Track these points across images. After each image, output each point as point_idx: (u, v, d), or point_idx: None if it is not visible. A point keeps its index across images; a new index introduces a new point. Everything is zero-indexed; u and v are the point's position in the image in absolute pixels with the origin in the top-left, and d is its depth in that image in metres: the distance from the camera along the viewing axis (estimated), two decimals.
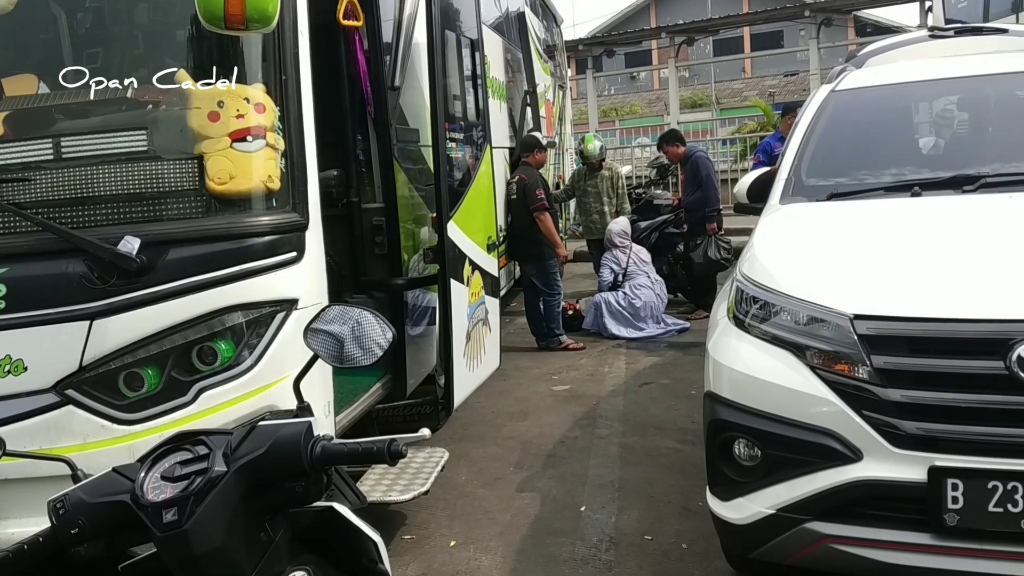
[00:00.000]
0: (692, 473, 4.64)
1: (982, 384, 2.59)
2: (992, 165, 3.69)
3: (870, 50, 5.04)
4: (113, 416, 3.10)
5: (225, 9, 2.73)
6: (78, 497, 1.51)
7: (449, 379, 4.68)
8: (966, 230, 3.25)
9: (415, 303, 4.84)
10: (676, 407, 5.99)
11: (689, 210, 9.00)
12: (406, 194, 4.83)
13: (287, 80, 3.30)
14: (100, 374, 3.09)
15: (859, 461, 2.70)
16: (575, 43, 21.48)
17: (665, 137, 9.63)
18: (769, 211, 3.85)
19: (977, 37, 4.83)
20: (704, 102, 29.93)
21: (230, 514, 1.46)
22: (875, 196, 3.67)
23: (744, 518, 2.95)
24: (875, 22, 27.69)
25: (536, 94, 10.23)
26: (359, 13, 4.36)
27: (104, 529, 1.51)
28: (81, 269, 3.06)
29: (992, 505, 2.51)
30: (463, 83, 5.71)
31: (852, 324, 2.76)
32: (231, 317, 3.16)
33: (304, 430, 1.52)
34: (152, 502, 1.44)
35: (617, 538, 4.09)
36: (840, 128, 4.21)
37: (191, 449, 1.52)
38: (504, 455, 5.32)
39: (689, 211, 9.00)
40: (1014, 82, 4.22)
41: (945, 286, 2.83)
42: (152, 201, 3.19)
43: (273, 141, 3.24)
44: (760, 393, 2.94)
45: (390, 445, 1.52)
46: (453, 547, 4.10)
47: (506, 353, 6.47)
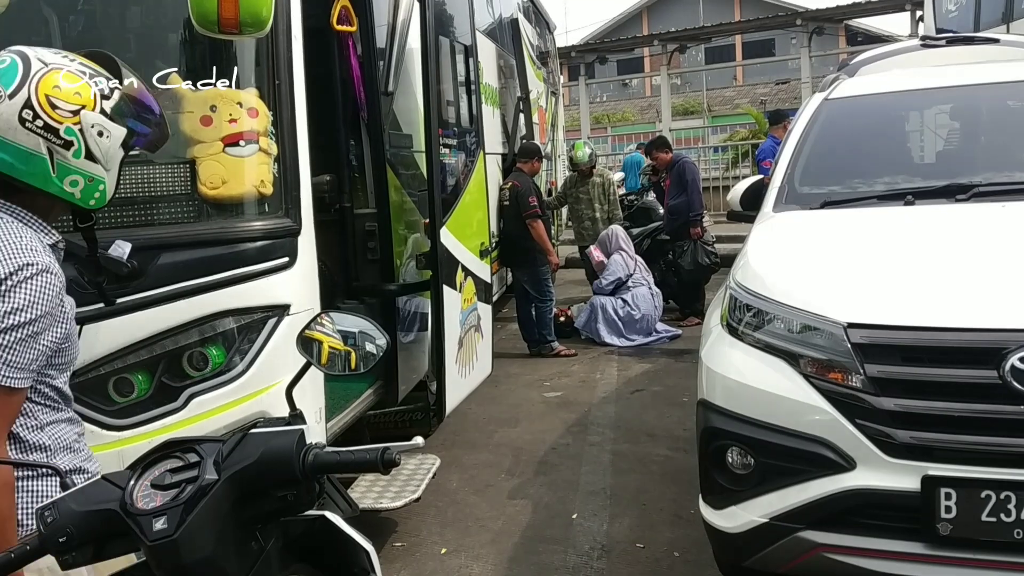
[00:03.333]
0: (684, 481, 4.63)
1: (975, 393, 2.59)
2: (985, 174, 3.70)
3: (863, 59, 5.05)
4: (102, 422, 3.07)
5: (219, 13, 2.71)
6: (67, 505, 1.49)
7: (441, 385, 4.67)
8: (959, 239, 3.25)
9: (407, 309, 4.82)
10: (668, 414, 5.99)
11: (672, 213, 9.04)
12: (399, 199, 4.82)
13: (280, 85, 3.28)
14: (89, 379, 3.07)
15: (852, 470, 2.69)
16: (568, 50, 21.58)
17: (653, 143, 9.81)
18: (762, 219, 3.85)
19: (969, 46, 4.84)
20: (696, 109, 30.01)
21: (221, 523, 1.44)
22: (868, 204, 3.67)
23: (737, 527, 2.94)
24: (866, 31, 27.83)
25: (529, 100, 10.24)
26: (353, 18, 4.35)
27: (93, 537, 1.49)
28: (71, 273, 3.04)
29: (985, 515, 2.51)
30: (456, 89, 5.70)
31: (846, 332, 2.75)
32: (222, 322, 3.14)
33: (296, 438, 1.50)
34: (142, 510, 1.43)
35: (609, 546, 4.08)
36: (833, 136, 4.22)
37: (181, 457, 1.51)
38: (496, 462, 5.31)
39: (672, 215, 9.05)
40: (1006, 92, 4.24)
41: (939, 295, 2.84)
42: (143, 205, 3.17)
43: (266, 146, 3.23)
44: (753, 401, 2.94)
45: (383, 454, 1.50)
46: (444, 554, 4.08)
47: (498, 359, 6.46)
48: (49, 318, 1.83)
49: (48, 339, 1.84)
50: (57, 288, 1.85)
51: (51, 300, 1.82)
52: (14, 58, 1.85)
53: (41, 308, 1.80)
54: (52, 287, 1.83)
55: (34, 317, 1.78)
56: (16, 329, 1.75)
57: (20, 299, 1.76)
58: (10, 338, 1.75)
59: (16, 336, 1.75)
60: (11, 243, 1.80)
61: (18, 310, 1.76)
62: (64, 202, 1.94)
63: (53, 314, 1.84)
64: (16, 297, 1.76)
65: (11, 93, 1.81)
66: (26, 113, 1.81)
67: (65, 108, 1.85)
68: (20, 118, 1.80)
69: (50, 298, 1.82)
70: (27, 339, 1.78)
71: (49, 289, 1.82)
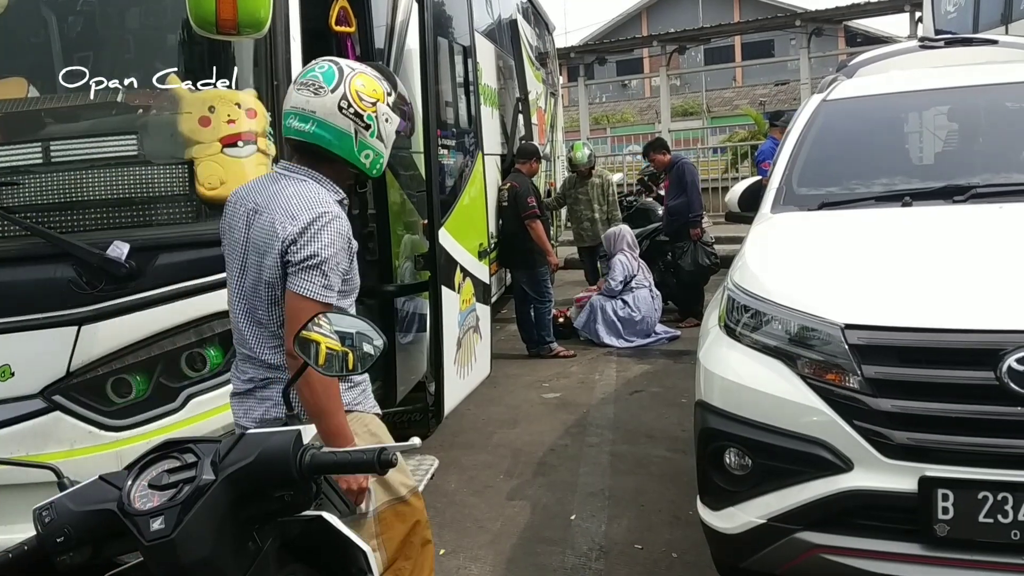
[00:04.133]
0: (683, 482, 4.63)
1: (972, 394, 2.59)
2: (982, 175, 3.70)
3: (861, 60, 5.05)
4: (101, 422, 3.09)
5: (217, 15, 2.72)
6: (64, 505, 1.49)
7: (439, 386, 4.67)
8: (957, 240, 3.26)
9: (406, 310, 4.83)
10: (667, 415, 5.99)
11: (672, 214, 9.05)
12: (397, 200, 4.83)
13: (279, 85, 3.29)
14: (88, 380, 3.08)
15: (850, 471, 2.69)
16: (567, 51, 21.57)
17: (651, 145, 9.80)
18: (760, 220, 3.85)
19: (967, 48, 4.85)
20: (695, 110, 30.04)
21: (218, 523, 1.44)
22: (866, 206, 3.68)
23: (735, 527, 2.94)
24: (865, 32, 27.86)
25: (528, 101, 10.24)
26: (351, 19, 4.35)
27: (90, 538, 1.49)
28: (70, 274, 3.05)
29: (982, 516, 2.51)
30: (455, 90, 5.71)
31: (843, 334, 2.76)
32: (220, 323, 3.14)
33: (293, 439, 1.51)
34: (139, 511, 1.43)
35: (607, 547, 4.08)
36: (831, 138, 4.22)
37: (179, 457, 1.51)
38: (494, 463, 5.31)
39: (672, 215, 9.05)
40: (1004, 93, 4.24)
41: (936, 296, 2.84)
42: (142, 206, 3.18)
43: (264, 146, 3.24)
44: (751, 402, 2.94)
45: (380, 454, 1.51)
46: (443, 555, 4.08)
47: (496, 360, 6.46)
48: (344, 252, 2.46)
49: (343, 267, 2.46)
50: (346, 229, 2.47)
51: (344, 238, 2.45)
52: (331, 64, 2.50)
53: (339, 244, 2.43)
54: (344, 229, 2.45)
55: (336, 251, 2.41)
56: (328, 260, 2.39)
57: (326, 237, 2.39)
58: (325, 267, 2.38)
59: (329, 265, 2.39)
60: (311, 198, 2.44)
61: (327, 245, 2.39)
62: (354, 171, 2.58)
63: (346, 248, 2.47)
64: (324, 236, 2.39)
65: (332, 88, 2.45)
66: (343, 103, 2.45)
67: (367, 100, 2.49)
68: (339, 107, 2.44)
69: (344, 236, 2.45)
70: (334, 267, 2.41)
71: (342, 230, 2.44)
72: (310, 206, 2.41)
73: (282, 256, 2.39)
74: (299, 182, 2.49)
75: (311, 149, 2.49)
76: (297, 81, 2.51)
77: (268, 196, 2.49)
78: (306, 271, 2.37)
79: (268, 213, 2.45)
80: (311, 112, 2.44)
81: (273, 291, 2.45)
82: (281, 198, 2.45)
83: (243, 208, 2.52)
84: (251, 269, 2.48)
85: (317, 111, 2.44)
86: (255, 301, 2.50)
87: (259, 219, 2.46)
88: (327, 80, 2.46)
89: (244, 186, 2.64)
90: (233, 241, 2.54)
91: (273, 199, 2.46)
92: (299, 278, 2.37)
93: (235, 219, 2.54)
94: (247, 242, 2.49)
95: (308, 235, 2.37)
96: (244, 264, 2.50)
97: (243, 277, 2.51)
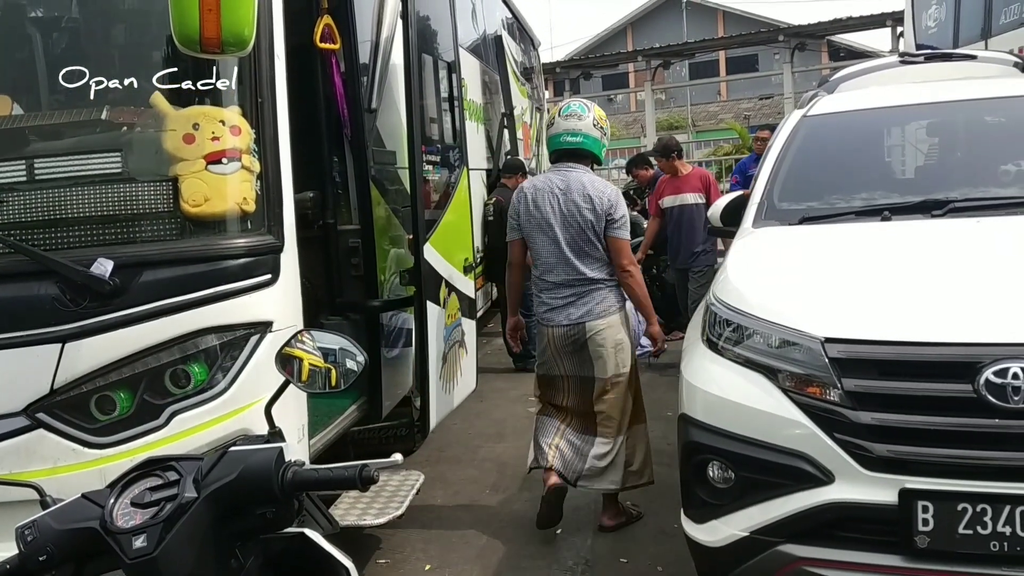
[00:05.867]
0: (668, 495, 4.62)
1: (951, 407, 2.62)
2: (961, 190, 3.74)
3: (842, 75, 5.10)
4: (84, 440, 3.07)
5: (201, 33, 2.72)
6: (46, 523, 1.49)
7: (425, 401, 4.67)
8: (935, 254, 3.29)
9: (391, 325, 4.83)
10: (651, 428, 5.95)
11: None
12: (382, 215, 4.84)
13: (263, 102, 3.30)
14: (71, 397, 3.06)
15: (831, 483, 2.72)
16: (553, 65, 21.70)
17: (633, 161, 9.93)
18: (742, 235, 3.88)
19: (947, 63, 4.91)
20: (680, 124, 30.15)
21: (200, 541, 1.45)
22: (846, 220, 3.71)
23: (718, 540, 2.96)
24: (848, 47, 28.07)
25: (513, 116, 10.28)
26: (336, 36, 4.37)
27: (73, 556, 1.49)
28: (53, 291, 3.04)
29: (962, 527, 2.54)
30: (440, 105, 5.73)
31: (823, 347, 2.78)
32: (204, 340, 3.14)
33: (275, 456, 1.51)
34: (121, 529, 1.43)
35: (593, 561, 4.09)
36: (812, 153, 4.26)
37: (161, 475, 1.51)
38: (480, 477, 5.31)
39: None
40: (982, 108, 4.30)
41: (915, 310, 2.87)
42: (126, 223, 3.17)
43: (248, 163, 3.24)
44: (733, 416, 2.96)
45: (362, 471, 1.51)
46: (428, 571, 4.08)
47: (482, 374, 6.45)
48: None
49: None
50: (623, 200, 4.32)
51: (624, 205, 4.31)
52: (580, 102, 4.42)
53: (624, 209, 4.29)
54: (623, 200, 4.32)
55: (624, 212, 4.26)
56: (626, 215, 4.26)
57: (623, 204, 4.27)
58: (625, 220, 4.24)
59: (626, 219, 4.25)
60: (600, 181, 4.33)
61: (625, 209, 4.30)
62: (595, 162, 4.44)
63: None
64: (622, 203, 4.26)
65: (587, 116, 4.30)
66: (595, 123, 4.30)
67: (603, 121, 4.37)
68: (594, 125, 4.29)
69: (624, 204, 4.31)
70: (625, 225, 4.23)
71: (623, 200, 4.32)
72: (605, 185, 4.28)
73: (606, 215, 4.12)
74: (583, 172, 4.25)
75: (578, 153, 4.27)
76: (561, 114, 4.30)
77: (569, 182, 4.17)
78: (623, 226, 4.18)
79: (578, 191, 4.13)
80: (579, 130, 4.23)
81: (596, 233, 4.13)
82: (584, 181, 4.18)
83: (547, 193, 4.19)
84: (573, 224, 4.13)
85: (583, 129, 4.23)
86: (580, 242, 4.13)
87: (571, 196, 4.13)
88: (583, 111, 4.29)
89: (534, 181, 4.40)
90: (543, 213, 4.18)
91: (576, 182, 4.17)
92: (620, 230, 4.17)
93: (540, 200, 4.21)
94: (564, 210, 4.14)
95: (617, 203, 4.17)
96: (565, 222, 4.14)
97: (566, 230, 4.14)
